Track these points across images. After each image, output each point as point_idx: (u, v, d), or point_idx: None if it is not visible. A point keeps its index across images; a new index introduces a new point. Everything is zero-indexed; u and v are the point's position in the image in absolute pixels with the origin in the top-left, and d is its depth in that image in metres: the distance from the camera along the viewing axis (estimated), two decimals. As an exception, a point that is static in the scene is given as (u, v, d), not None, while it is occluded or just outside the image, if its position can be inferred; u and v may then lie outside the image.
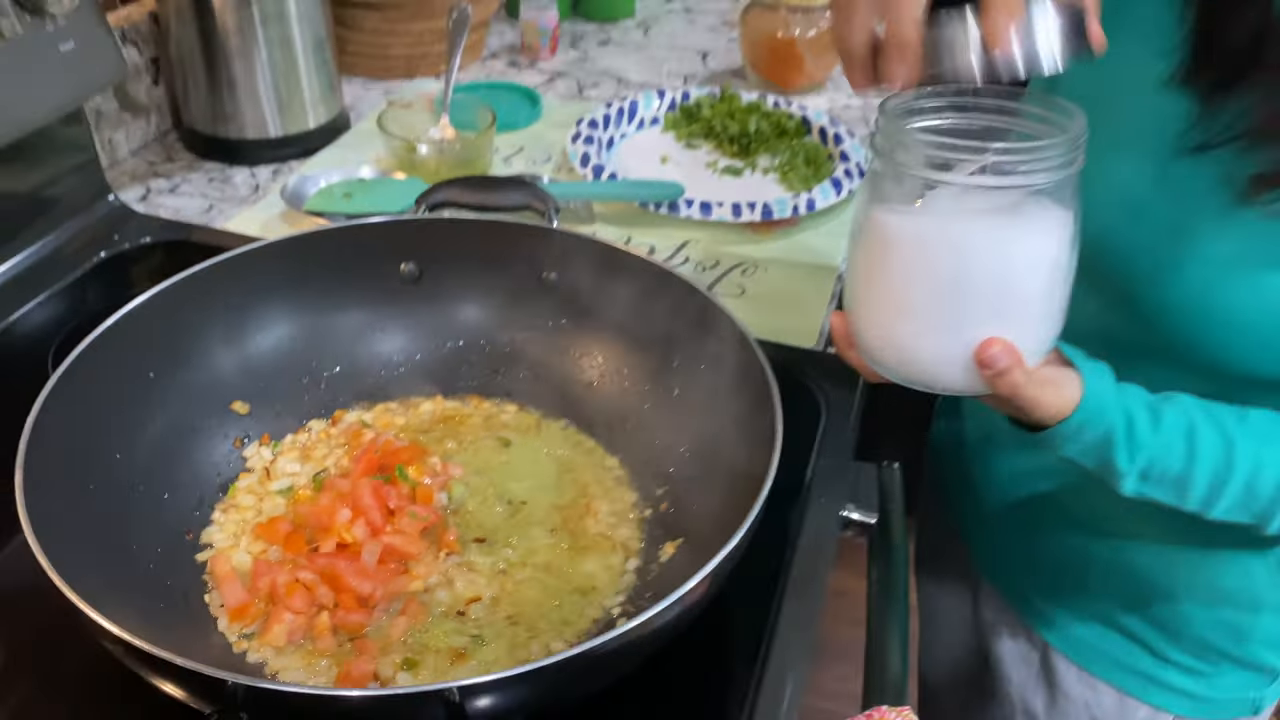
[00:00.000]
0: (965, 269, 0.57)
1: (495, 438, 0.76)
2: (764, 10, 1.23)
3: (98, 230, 0.94)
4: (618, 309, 0.77)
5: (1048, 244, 0.57)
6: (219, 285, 0.74)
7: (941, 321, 0.59)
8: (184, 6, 1.02)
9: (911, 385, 0.61)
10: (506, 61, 1.33)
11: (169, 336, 0.71)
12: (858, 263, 0.61)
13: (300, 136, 1.11)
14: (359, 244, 0.79)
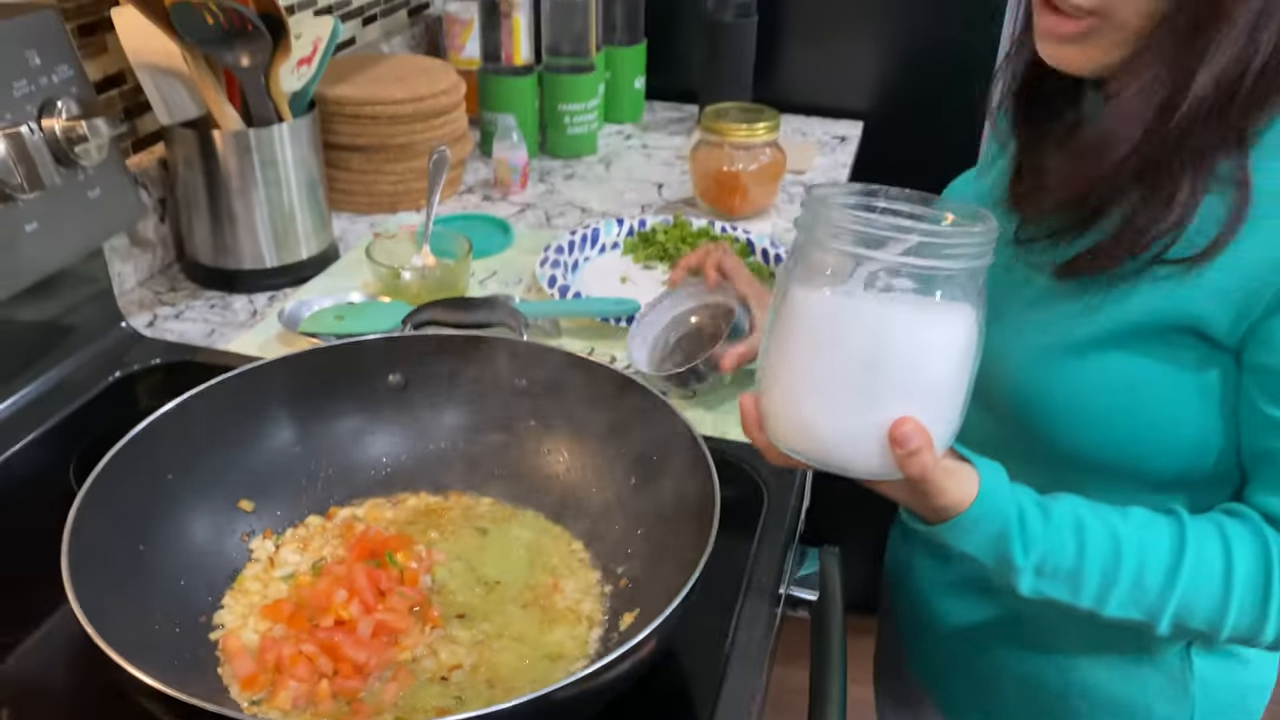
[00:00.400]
0: (881, 348, 0.59)
1: (473, 527, 0.85)
2: (711, 147, 1.37)
3: (111, 353, 1.04)
4: (581, 410, 0.87)
5: (958, 332, 0.60)
6: (228, 399, 0.83)
7: (854, 400, 0.60)
8: (192, 154, 1.14)
9: (822, 467, 0.63)
10: (481, 195, 1.46)
11: (184, 445, 0.80)
12: (773, 341, 0.63)
13: (294, 266, 1.22)
14: (351, 359, 0.89)
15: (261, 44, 1.06)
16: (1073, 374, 0.71)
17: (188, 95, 1.11)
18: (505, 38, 1.47)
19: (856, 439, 0.61)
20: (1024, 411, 0.74)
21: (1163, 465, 0.72)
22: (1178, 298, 0.67)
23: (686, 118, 1.74)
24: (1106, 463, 0.72)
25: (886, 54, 1.69)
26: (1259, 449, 0.69)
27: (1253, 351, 0.67)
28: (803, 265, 0.61)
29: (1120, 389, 0.70)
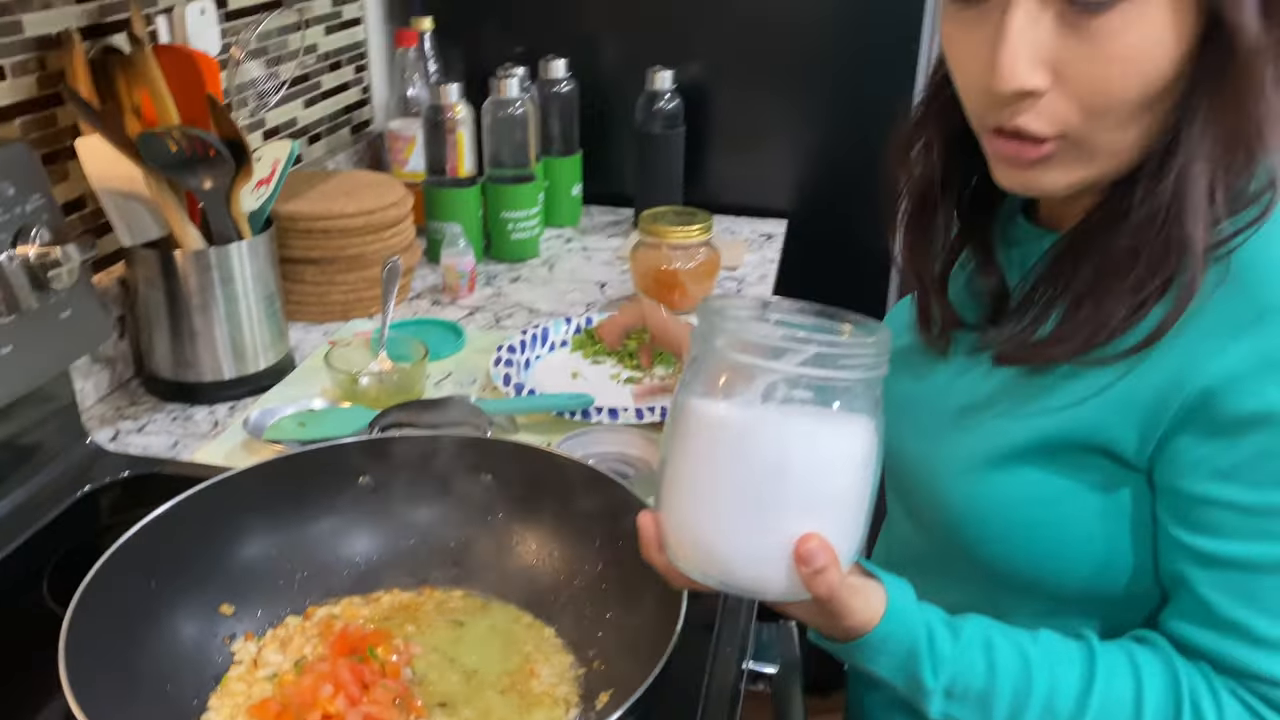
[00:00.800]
0: (782, 462, 0.58)
1: (448, 620, 0.88)
2: (649, 248, 1.45)
3: (78, 469, 1.06)
4: (546, 501, 0.91)
5: (858, 443, 0.59)
6: (206, 507, 0.86)
7: (756, 518, 0.59)
8: (153, 274, 1.18)
9: (727, 590, 0.61)
10: (430, 300, 1.52)
11: (167, 553, 0.83)
12: (671, 457, 0.61)
13: (253, 376, 1.26)
14: (323, 464, 0.93)
15: (224, 168, 1.12)
16: (993, 487, 0.71)
17: (149, 217, 1.16)
18: (450, 151, 1.54)
19: (761, 560, 0.59)
20: (949, 523, 0.74)
21: (1076, 582, 0.71)
22: (1088, 415, 0.67)
23: (622, 220, 1.83)
24: (1027, 577, 0.72)
25: (805, 156, 1.80)
26: (1172, 572, 0.68)
27: (1160, 472, 0.66)
28: (699, 378, 0.60)
29: (1035, 503, 0.70)
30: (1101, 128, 0.63)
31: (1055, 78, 0.62)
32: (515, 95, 1.57)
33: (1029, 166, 0.67)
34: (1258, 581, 0.63)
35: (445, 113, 1.53)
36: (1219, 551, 0.64)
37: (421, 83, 1.70)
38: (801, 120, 1.77)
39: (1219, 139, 0.62)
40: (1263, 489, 0.62)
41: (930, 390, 0.79)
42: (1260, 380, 0.60)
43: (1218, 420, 0.62)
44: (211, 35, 1.36)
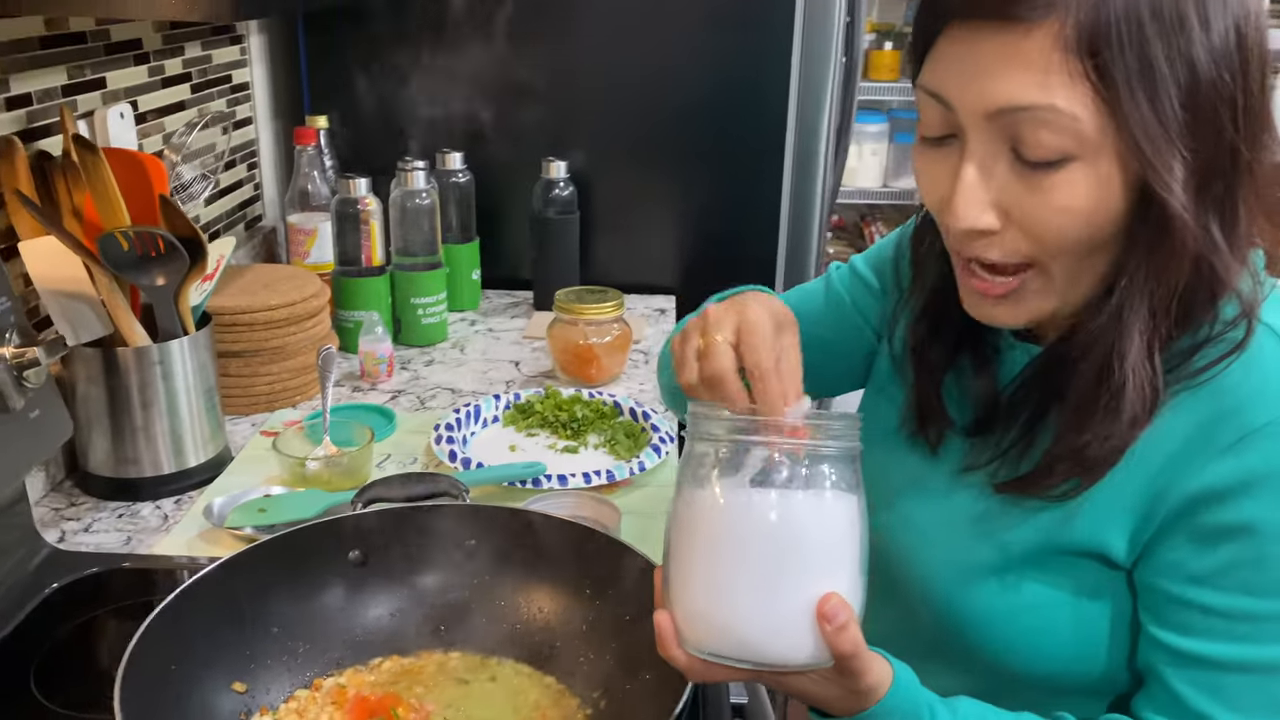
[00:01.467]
0: (789, 536, 0.63)
1: (452, 679, 0.93)
2: (566, 324, 1.54)
3: (41, 569, 1.06)
4: (528, 557, 0.98)
5: (853, 509, 0.65)
6: (208, 591, 0.88)
7: (774, 590, 0.62)
8: (95, 372, 1.18)
9: (755, 667, 0.64)
10: (351, 388, 1.55)
11: (179, 637, 0.84)
12: (679, 551, 0.65)
13: (193, 470, 1.26)
14: (314, 541, 0.96)
15: (178, 265, 1.15)
16: (995, 594, 0.76)
17: (93, 316, 1.17)
18: (364, 242, 1.60)
19: (784, 629, 0.63)
20: (948, 623, 0.79)
21: (1057, 670, 0.76)
22: (1083, 523, 0.73)
23: (521, 302, 1.92)
24: (1015, 669, 0.77)
25: (688, 235, 1.94)
26: (1146, 663, 0.73)
27: (1141, 571, 0.72)
28: (695, 470, 0.65)
29: (1034, 608, 0.75)
30: (1057, 261, 0.69)
31: (1007, 219, 0.68)
32: (421, 186, 1.65)
33: (992, 302, 0.73)
34: (1224, 679, 0.70)
35: (358, 205, 1.59)
36: (1190, 649, 0.70)
37: (320, 178, 1.75)
38: (683, 202, 1.92)
39: (1152, 291, 0.68)
40: (1232, 594, 0.68)
41: (925, 493, 0.84)
42: (1239, 496, 0.67)
43: (1197, 529, 0.69)
44: (130, 138, 1.38)
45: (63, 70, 1.28)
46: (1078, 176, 0.66)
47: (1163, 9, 0.63)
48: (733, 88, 1.84)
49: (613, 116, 1.87)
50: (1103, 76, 0.63)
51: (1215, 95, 0.65)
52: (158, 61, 1.51)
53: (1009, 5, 0.64)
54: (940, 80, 0.69)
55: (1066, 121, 0.64)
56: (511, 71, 1.85)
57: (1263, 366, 0.69)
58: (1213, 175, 0.66)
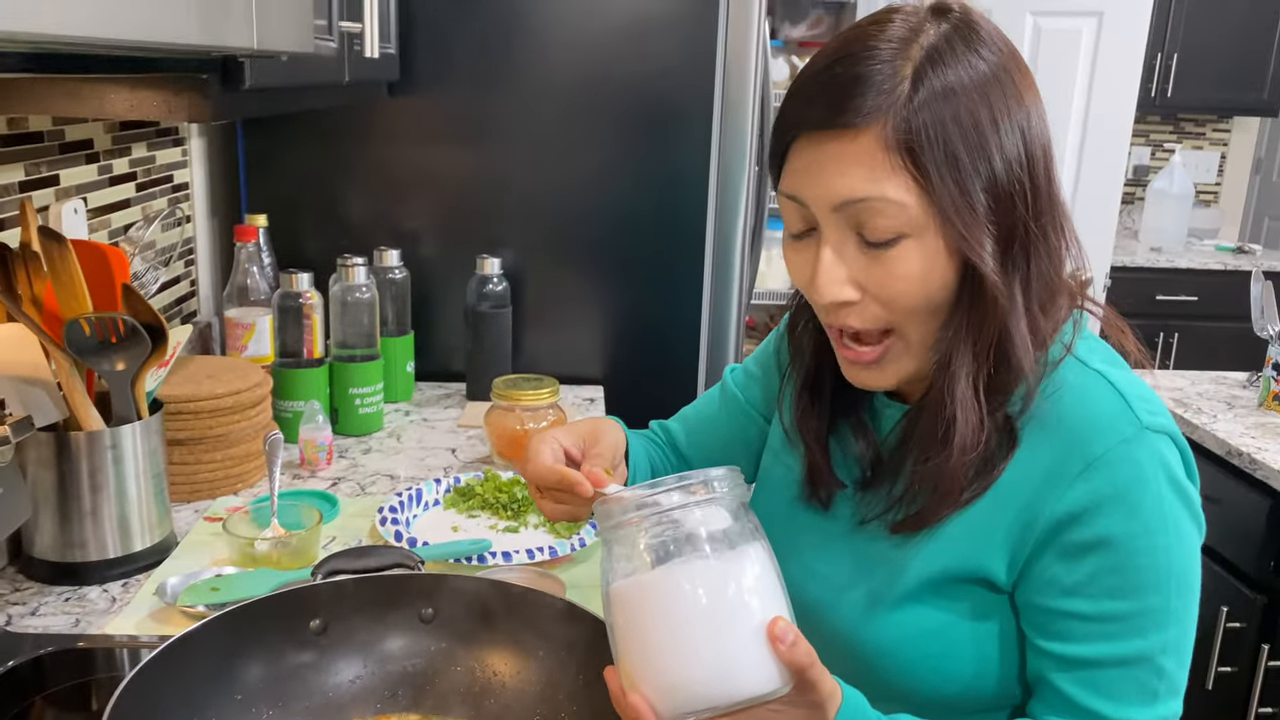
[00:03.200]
0: (723, 589, 0.70)
1: (414, 741, 0.97)
2: (503, 411, 1.61)
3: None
4: (485, 623, 1.03)
5: (762, 546, 0.73)
6: (172, 663, 0.91)
7: (729, 637, 0.69)
8: (46, 455, 1.21)
9: (733, 706, 0.69)
10: (291, 475, 1.59)
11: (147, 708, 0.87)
12: (624, 641, 0.72)
13: (140, 554, 1.28)
14: (275, 612, 1.00)
15: (139, 350, 1.19)
16: (895, 625, 0.86)
17: (50, 401, 1.20)
18: (307, 335, 1.65)
19: (742, 667, 0.69)
20: (857, 657, 0.88)
21: (957, 690, 0.86)
22: (966, 551, 0.83)
23: (453, 393, 1.98)
24: (920, 691, 0.86)
25: (615, 329, 2.04)
26: (1035, 672, 0.84)
27: (1020, 592, 0.83)
28: (613, 565, 0.72)
29: (930, 634, 0.85)
30: (909, 323, 0.82)
31: (862, 291, 0.81)
32: (362, 281, 1.72)
33: (863, 368, 0.85)
34: (1102, 675, 0.80)
35: (300, 299, 1.65)
36: (1071, 654, 0.81)
37: (259, 274, 1.81)
38: (611, 297, 2.02)
39: (975, 340, 0.81)
40: (1099, 600, 0.80)
41: (826, 545, 0.94)
42: (1093, 514, 0.79)
43: (1063, 547, 0.80)
44: (82, 231, 1.43)
45: (20, 167, 1.33)
46: (911, 251, 0.79)
47: (961, 117, 0.77)
48: (656, 192, 1.97)
49: (544, 216, 1.98)
50: (918, 167, 0.77)
51: (1010, 184, 0.79)
52: (106, 160, 1.57)
53: (840, 115, 0.78)
54: (795, 184, 0.82)
55: (895, 208, 0.77)
56: (445, 174, 1.95)
57: (1095, 404, 0.82)
58: (1013, 246, 0.80)
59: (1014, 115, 0.79)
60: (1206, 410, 2.17)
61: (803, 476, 0.97)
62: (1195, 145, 4.67)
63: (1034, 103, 0.82)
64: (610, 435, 1.01)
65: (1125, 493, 0.79)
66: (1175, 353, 4.03)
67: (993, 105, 0.78)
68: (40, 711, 1.02)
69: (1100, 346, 0.88)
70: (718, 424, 1.15)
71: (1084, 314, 0.88)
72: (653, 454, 1.14)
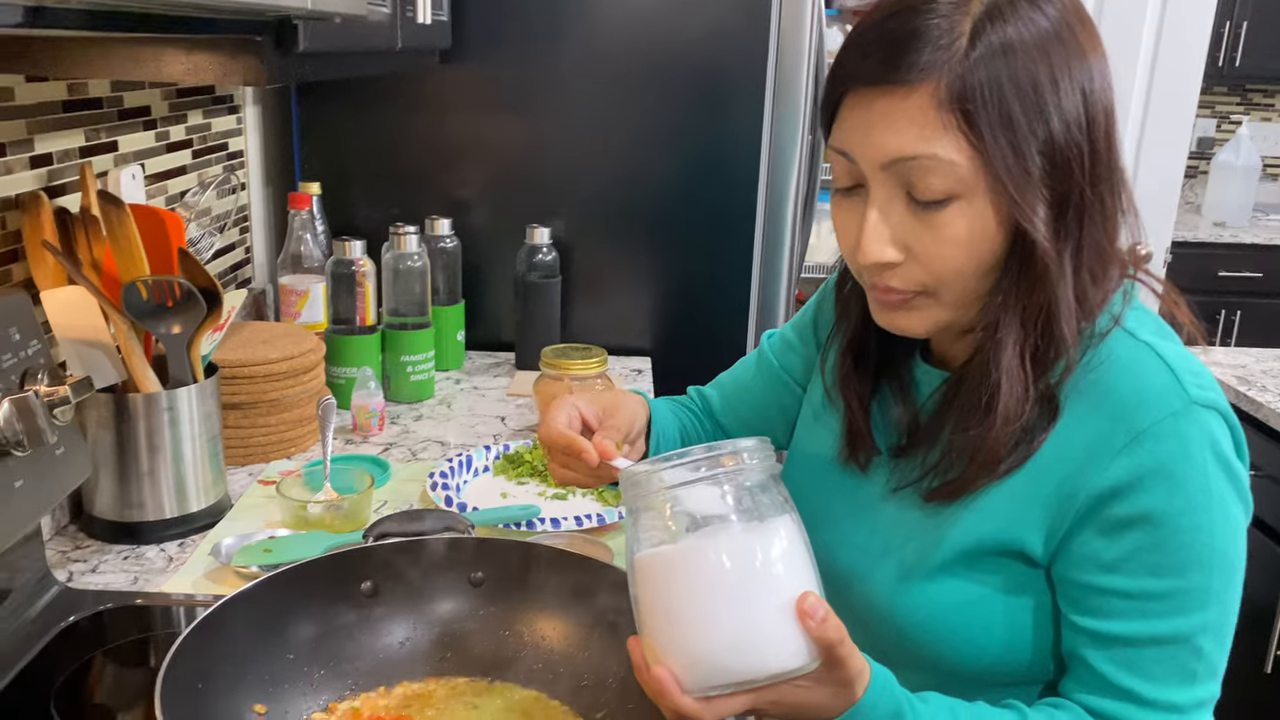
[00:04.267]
0: (753, 561, 0.68)
1: (462, 703, 0.98)
2: (551, 380, 1.61)
3: (56, 606, 1.09)
4: (531, 587, 1.03)
5: (791, 518, 0.71)
6: (229, 619, 0.93)
7: (758, 611, 0.68)
8: (106, 416, 1.23)
9: (761, 683, 0.68)
10: (344, 440, 1.60)
11: (206, 661, 0.88)
12: (652, 614, 0.70)
13: (196, 515, 1.30)
14: (327, 573, 1.01)
15: (195, 313, 1.21)
16: (929, 595, 0.85)
17: (108, 363, 1.22)
18: (359, 303, 1.66)
19: (770, 642, 0.68)
20: (889, 626, 0.87)
21: (988, 662, 0.84)
22: (1002, 524, 0.82)
23: (502, 363, 1.99)
24: (951, 662, 0.85)
25: (663, 301, 2.04)
26: (1070, 649, 0.82)
27: (1057, 567, 0.81)
28: (640, 534, 0.70)
29: (963, 605, 0.84)
30: (949, 287, 0.80)
31: (907, 252, 0.79)
32: (414, 249, 1.72)
33: (894, 309, 0.83)
34: (1139, 654, 0.79)
35: (353, 266, 1.66)
36: (1107, 631, 0.79)
37: (313, 241, 1.82)
38: (660, 269, 2.01)
39: (1024, 307, 0.79)
40: (1139, 577, 0.78)
41: (860, 512, 0.92)
42: (1136, 490, 0.77)
43: (1104, 522, 0.78)
44: (140, 197, 1.45)
45: (81, 133, 1.35)
46: (961, 214, 0.77)
47: (1018, 76, 0.75)
48: (707, 162, 1.95)
49: (594, 186, 1.97)
50: (972, 127, 0.75)
51: (1068, 147, 0.77)
52: (164, 127, 1.58)
53: (893, 71, 0.76)
54: (844, 139, 0.81)
55: (946, 167, 0.76)
56: (497, 143, 1.95)
57: (1143, 376, 0.80)
58: (1067, 212, 0.78)
59: (1075, 74, 0.77)
60: (1271, 388, 2.11)
61: (841, 438, 0.96)
62: (1263, 117, 4.54)
63: (1097, 61, 0.79)
64: (629, 409, 1.02)
65: (1170, 468, 0.77)
66: (1237, 330, 3.93)
67: (1053, 63, 0.76)
68: (101, 665, 1.05)
69: (1150, 318, 0.86)
70: (753, 391, 1.14)
71: (1135, 285, 0.86)
72: (686, 422, 1.14)
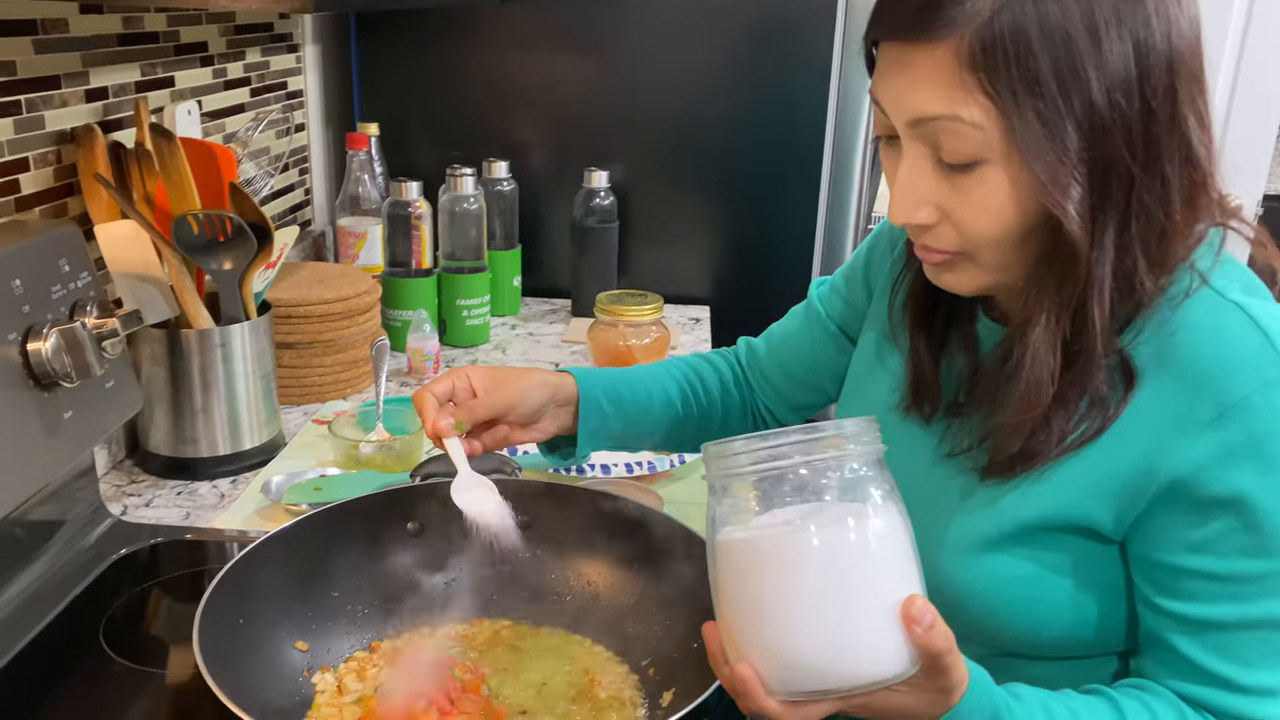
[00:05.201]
0: (858, 554, 0.62)
1: (504, 646, 0.96)
2: (606, 326, 1.58)
3: (108, 538, 1.10)
4: (578, 532, 1.01)
5: (897, 508, 0.65)
6: (274, 554, 0.92)
7: (857, 611, 0.62)
8: (159, 352, 1.23)
9: (852, 691, 0.63)
10: (398, 383, 1.60)
11: (249, 595, 0.88)
12: (749, 600, 0.63)
13: (249, 452, 1.31)
14: (374, 511, 1.00)
15: (246, 250, 1.20)
16: (987, 567, 0.80)
17: (160, 299, 1.22)
18: (415, 245, 1.65)
19: (869, 648, 0.62)
20: (947, 598, 0.78)
21: (1053, 637, 0.79)
22: (1069, 500, 0.76)
23: (559, 309, 1.96)
24: (1011, 636, 0.80)
25: (724, 248, 1.99)
26: (1152, 632, 0.76)
27: (1136, 545, 0.75)
28: (724, 514, 0.65)
29: (1024, 580, 0.78)
30: (986, 251, 0.74)
31: (940, 213, 0.74)
32: (470, 192, 1.70)
33: (936, 268, 0.79)
34: (1231, 638, 0.73)
35: (409, 207, 1.64)
36: (1195, 614, 0.74)
37: (371, 183, 1.81)
38: (720, 216, 1.96)
39: (1057, 289, 0.73)
40: (1230, 559, 0.72)
41: (916, 477, 0.84)
42: (1225, 468, 0.70)
43: (1190, 501, 0.72)
44: (195, 133, 1.44)
45: (136, 67, 1.34)
46: (991, 179, 0.70)
47: (1050, 26, 0.65)
48: (772, 106, 1.89)
49: (654, 130, 1.92)
50: (995, 90, 0.67)
51: (1111, 116, 0.67)
52: (221, 65, 1.57)
53: (916, 26, 0.69)
54: (877, 90, 0.75)
55: (971, 131, 0.69)
56: (556, 84, 1.91)
57: (1234, 343, 0.72)
58: (1109, 187, 0.69)
59: (1125, 21, 0.66)
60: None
61: (905, 385, 0.89)
62: (1366, 67, 4.29)
63: (1161, 2, 0.68)
64: (519, 389, 0.95)
65: (1264, 445, 0.70)
66: (1331, 292, 3.75)
67: (1094, 11, 0.66)
68: (151, 598, 1.05)
69: (1239, 272, 0.77)
70: (800, 340, 1.09)
71: (1222, 235, 0.76)
72: (685, 388, 1.08)
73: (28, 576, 1.01)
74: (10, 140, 1.11)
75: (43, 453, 0.95)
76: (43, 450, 0.95)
